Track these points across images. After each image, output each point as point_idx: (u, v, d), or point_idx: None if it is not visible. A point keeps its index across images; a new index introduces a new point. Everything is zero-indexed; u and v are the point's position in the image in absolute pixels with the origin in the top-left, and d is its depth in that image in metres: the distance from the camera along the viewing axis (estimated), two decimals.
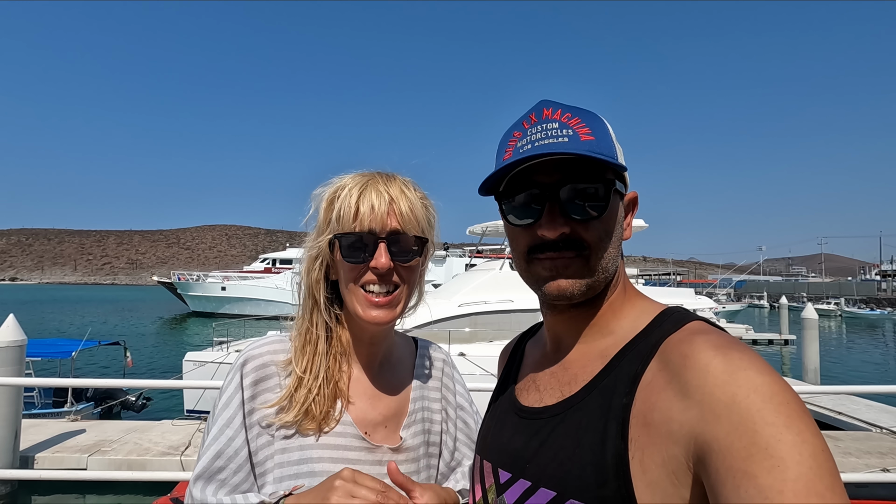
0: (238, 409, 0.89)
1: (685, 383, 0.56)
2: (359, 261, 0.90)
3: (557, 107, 0.71)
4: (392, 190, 0.91)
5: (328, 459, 0.88)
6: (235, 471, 0.86)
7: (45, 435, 6.81)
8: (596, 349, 0.71)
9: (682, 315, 0.68)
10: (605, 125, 0.72)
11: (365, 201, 0.89)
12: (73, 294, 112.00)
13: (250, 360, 0.92)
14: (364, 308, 0.91)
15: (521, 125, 0.72)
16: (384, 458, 0.93)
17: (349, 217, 0.89)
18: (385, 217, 0.89)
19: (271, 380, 0.92)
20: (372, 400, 0.97)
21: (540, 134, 0.68)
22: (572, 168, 0.68)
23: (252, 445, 0.88)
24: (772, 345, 25.09)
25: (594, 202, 0.68)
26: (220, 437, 0.86)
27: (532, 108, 0.73)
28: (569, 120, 0.69)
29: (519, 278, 0.77)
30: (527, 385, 0.80)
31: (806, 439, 0.48)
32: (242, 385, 0.90)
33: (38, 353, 10.31)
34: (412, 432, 0.99)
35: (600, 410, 0.63)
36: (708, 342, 0.58)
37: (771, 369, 0.54)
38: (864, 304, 62.04)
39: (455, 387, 1.12)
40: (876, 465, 6.49)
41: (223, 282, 41.43)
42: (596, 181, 0.68)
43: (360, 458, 0.91)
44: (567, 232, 0.68)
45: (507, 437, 0.76)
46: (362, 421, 0.94)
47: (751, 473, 0.47)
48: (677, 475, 0.54)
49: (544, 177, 0.69)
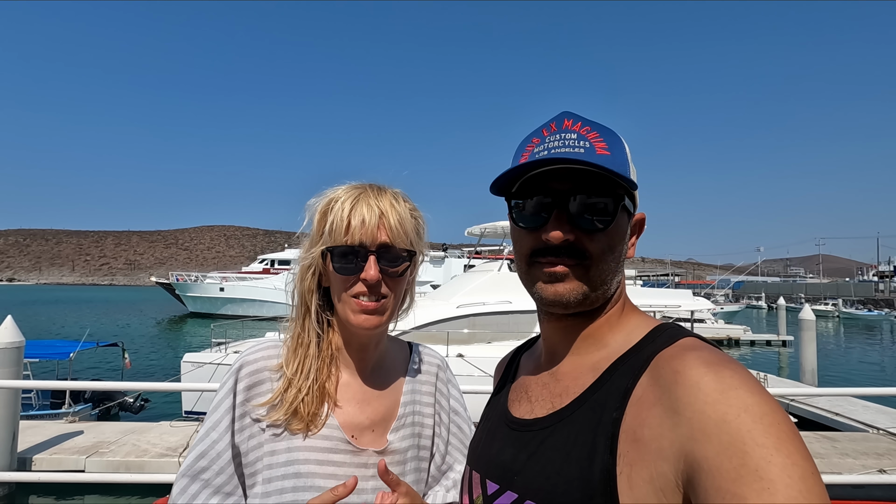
0: (226, 413, 0.92)
1: (676, 400, 0.55)
2: (349, 272, 0.94)
3: (578, 119, 0.73)
4: (382, 203, 0.95)
5: (314, 461, 0.91)
6: (218, 472, 0.90)
7: (42, 436, 6.79)
8: (589, 362, 0.72)
9: (675, 331, 0.68)
10: (623, 143, 0.73)
11: (356, 215, 0.93)
12: (70, 295, 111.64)
13: (246, 366, 0.96)
14: (354, 314, 0.95)
15: (541, 132, 0.74)
16: (369, 462, 0.95)
17: (341, 230, 0.93)
18: (375, 231, 0.93)
19: (264, 384, 0.96)
20: (360, 404, 1.00)
21: (557, 142, 0.70)
22: (584, 179, 0.69)
23: (243, 447, 0.92)
24: (769, 346, 25.12)
25: (602, 216, 0.69)
26: (206, 438, 0.91)
27: (553, 117, 0.75)
28: (587, 133, 0.71)
29: (517, 279, 0.79)
30: (519, 396, 0.81)
31: (796, 462, 0.47)
32: (235, 389, 0.94)
33: (36, 354, 10.27)
34: (400, 436, 1.00)
35: (590, 424, 0.63)
36: (699, 359, 0.58)
37: (762, 388, 0.54)
38: (861, 304, 62.09)
39: (449, 391, 1.14)
40: (873, 465, 6.50)
41: (221, 282, 41.29)
42: (606, 195, 0.69)
43: (345, 460, 0.94)
44: (571, 239, 0.69)
45: (497, 449, 0.76)
46: (349, 424, 0.97)
47: (740, 495, 0.46)
48: (665, 492, 0.54)
49: (557, 184, 0.70)
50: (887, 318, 49.67)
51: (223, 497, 0.90)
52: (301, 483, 0.88)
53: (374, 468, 0.93)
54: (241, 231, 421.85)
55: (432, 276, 35.02)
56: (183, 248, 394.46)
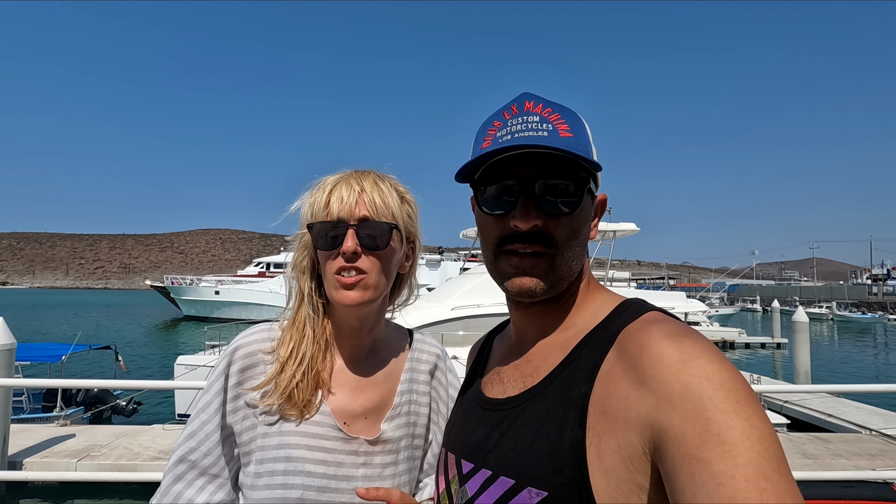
0: (217, 395, 0.94)
1: (641, 372, 0.57)
2: (329, 247, 0.94)
3: (539, 101, 0.72)
4: (364, 182, 0.96)
5: (304, 447, 0.92)
6: (206, 453, 0.92)
7: (33, 440, 6.74)
8: (557, 341, 0.73)
9: (640, 306, 0.69)
10: (584, 124, 0.73)
11: (335, 193, 0.94)
12: (64, 298, 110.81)
13: (240, 348, 0.97)
14: (336, 291, 0.94)
15: (502, 115, 0.73)
16: (360, 450, 0.95)
17: (320, 207, 0.94)
18: (353, 206, 0.93)
19: (258, 367, 0.96)
20: (354, 391, 0.99)
21: (520, 126, 0.69)
22: (549, 163, 0.69)
23: (237, 427, 0.94)
24: (764, 348, 25.26)
25: (567, 198, 0.69)
26: (196, 420, 0.93)
27: (514, 99, 0.74)
28: (549, 115, 0.70)
29: None
30: (492, 378, 0.82)
31: (754, 424, 0.50)
32: (228, 371, 0.95)
33: (28, 357, 10.19)
34: (394, 425, 1.00)
35: (560, 400, 0.65)
36: (662, 331, 0.60)
37: (722, 356, 0.56)
38: (855, 307, 62.43)
39: (448, 381, 1.13)
40: (865, 466, 6.54)
41: (217, 286, 41.15)
42: (570, 178, 0.69)
43: (336, 447, 0.94)
44: (539, 225, 0.69)
45: (471, 429, 0.77)
46: (342, 411, 0.97)
47: (705, 460, 0.48)
48: (632, 461, 0.55)
49: (521, 168, 0.69)
50: (881, 320, 50.01)
51: (209, 479, 0.91)
52: (292, 467, 0.89)
53: (364, 456, 0.95)
54: (236, 234, 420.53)
55: (428, 280, 35.03)
56: (178, 252, 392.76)
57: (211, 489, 0.92)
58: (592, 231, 0.77)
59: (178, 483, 0.91)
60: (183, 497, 0.90)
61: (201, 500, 0.90)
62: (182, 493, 0.90)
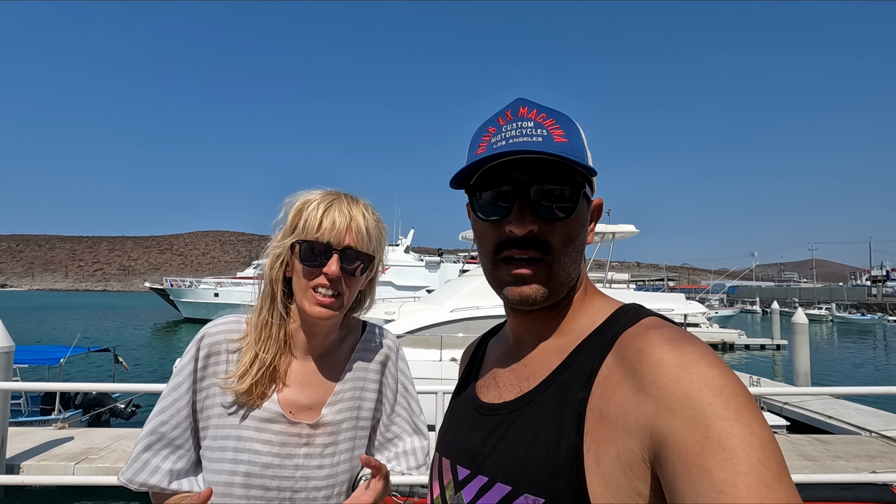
0: (188, 377, 1.06)
1: (640, 378, 0.56)
2: (314, 265, 1.05)
3: (533, 106, 0.71)
4: (354, 211, 1.07)
5: (253, 429, 1.05)
6: (174, 426, 1.04)
7: (31, 443, 6.73)
8: (555, 346, 0.72)
9: (637, 311, 0.69)
10: (578, 129, 0.73)
11: (329, 216, 1.04)
12: (63, 301, 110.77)
13: (207, 337, 1.09)
14: (310, 305, 1.05)
15: (497, 121, 0.72)
16: (303, 432, 1.07)
17: (313, 227, 1.04)
18: (343, 233, 1.04)
19: (221, 355, 1.08)
20: (301, 386, 1.11)
21: (514, 131, 0.69)
22: (544, 168, 0.68)
23: (199, 405, 1.07)
24: (763, 350, 25.28)
25: (562, 203, 0.69)
26: (168, 397, 1.06)
27: (508, 105, 0.73)
28: (544, 120, 0.69)
29: None
30: (487, 382, 0.81)
31: (755, 431, 0.49)
32: (197, 356, 1.07)
33: (26, 359, 10.17)
34: (335, 409, 1.11)
35: (557, 405, 0.64)
36: (661, 336, 0.59)
37: (721, 362, 0.55)
38: (854, 309, 62.50)
39: (398, 369, 1.24)
40: (865, 468, 6.53)
41: (216, 288, 41.15)
42: (566, 183, 0.69)
43: (281, 430, 1.06)
44: (535, 230, 0.69)
45: (466, 434, 0.76)
46: (288, 402, 1.08)
47: (706, 467, 0.48)
48: (631, 467, 0.55)
49: (516, 174, 0.69)
50: (880, 322, 50.04)
51: (173, 449, 1.04)
52: (241, 445, 1.03)
53: (307, 438, 1.07)
54: (236, 236, 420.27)
55: (428, 281, 35.03)
56: (178, 254, 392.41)
57: (173, 458, 1.04)
58: (589, 236, 0.76)
59: (147, 452, 1.03)
60: (150, 464, 1.03)
61: (166, 466, 1.03)
62: (150, 461, 1.03)
